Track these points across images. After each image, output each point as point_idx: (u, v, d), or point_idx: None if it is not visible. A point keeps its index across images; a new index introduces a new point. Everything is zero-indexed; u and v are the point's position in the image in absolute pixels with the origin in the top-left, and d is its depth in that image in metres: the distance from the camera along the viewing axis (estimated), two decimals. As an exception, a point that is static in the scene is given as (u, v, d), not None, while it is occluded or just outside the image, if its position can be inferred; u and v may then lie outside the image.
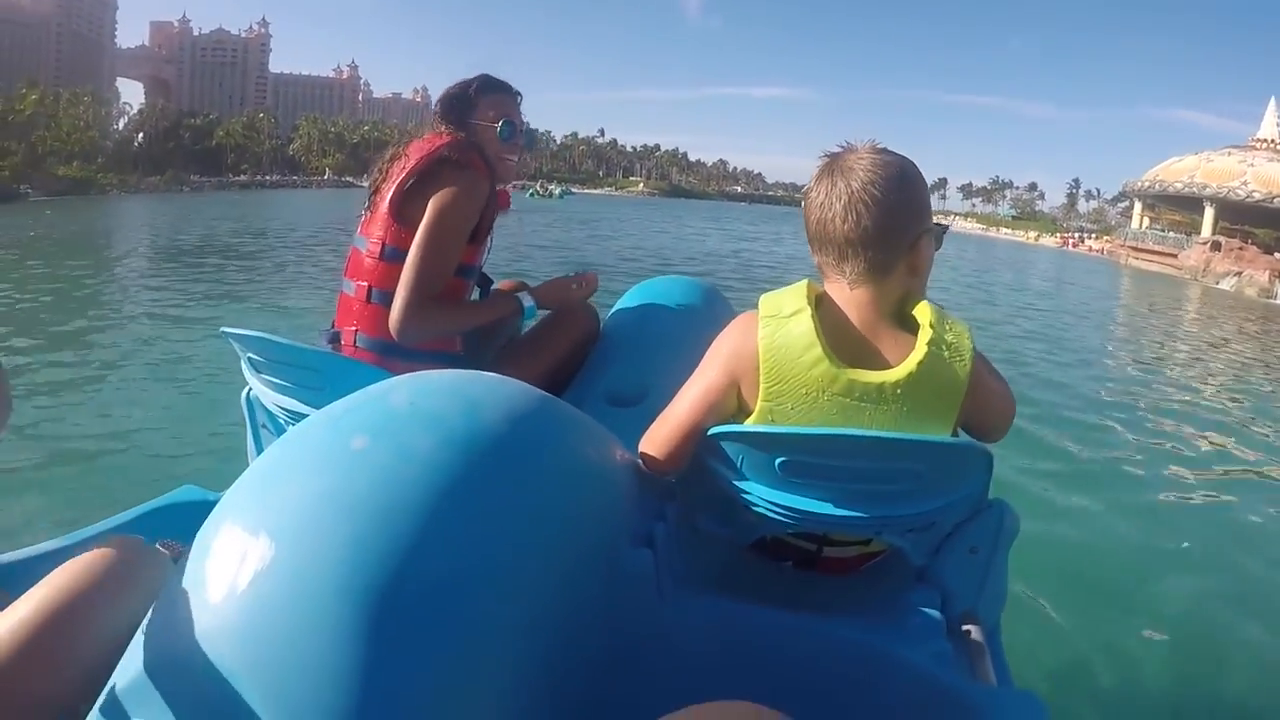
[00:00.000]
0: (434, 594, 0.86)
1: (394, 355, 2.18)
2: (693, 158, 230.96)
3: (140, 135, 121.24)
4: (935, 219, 1.59)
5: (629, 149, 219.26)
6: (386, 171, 2.32)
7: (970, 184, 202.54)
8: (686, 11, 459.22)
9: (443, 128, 2.37)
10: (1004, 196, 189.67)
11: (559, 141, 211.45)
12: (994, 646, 1.64)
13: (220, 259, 18.75)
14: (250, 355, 2.08)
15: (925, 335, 1.46)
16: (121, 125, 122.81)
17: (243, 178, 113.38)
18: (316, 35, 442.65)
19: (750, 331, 1.50)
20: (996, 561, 1.67)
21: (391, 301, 2.17)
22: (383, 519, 0.86)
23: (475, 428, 1.01)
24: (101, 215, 40.80)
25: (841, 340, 1.48)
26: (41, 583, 1.13)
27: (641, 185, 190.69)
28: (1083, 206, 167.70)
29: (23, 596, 1.12)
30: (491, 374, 1.24)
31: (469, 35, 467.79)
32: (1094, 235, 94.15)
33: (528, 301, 2.47)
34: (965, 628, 1.60)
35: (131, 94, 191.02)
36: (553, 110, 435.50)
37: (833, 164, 1.52)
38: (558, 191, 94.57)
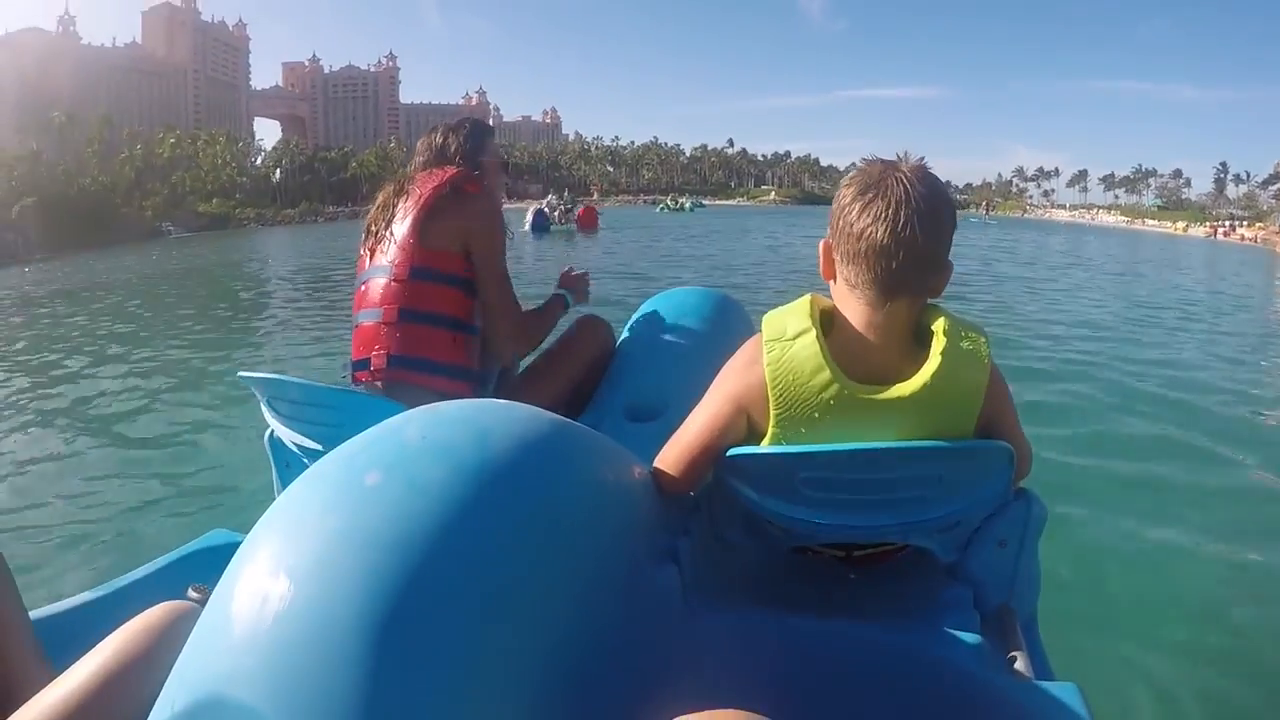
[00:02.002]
0: (453, 623, 0.87)
1: (425, 370, 2.33)
2: (824, 163, 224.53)
3: (277, 171, 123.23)
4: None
5: (759, 157, 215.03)
6: (394, 206, 2.43)
7: (1112, 175, 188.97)
8: (810, 16, 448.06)
9: (449, 165, 2.50)
10: (1148, 186, 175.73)
11: (688, 154, 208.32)
12: (1031, 639, 1.64)
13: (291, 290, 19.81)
14: (269, 397, 2.13)
15: (939, 344, 1.42)
16: (259, 162, 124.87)
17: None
18: (444, 65, 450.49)
19: (756, 360, 1.47)
20: (1026, 553, 1.65)
21: (428, 319, 2.35)
22: (398, 552, 0.87)
23: (486, 457, 1.02)
24: (226, 249, 42.22)
25: (852, 357, 1.43)
26: (96, 649, 1.19)
27: (773, 194, 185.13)
28: (1232, 192, 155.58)
29: (80, 661, 1.17)
30: (502, 401, 1.25)
31: (593, 54, 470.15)
32: (1245, 223, 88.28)
33: (571, 299, 2.79)
34: (1000, 622, 1.60)
35: (269, 132, 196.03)
36: (680, 124, 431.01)
37: (881, 178, 1.41)
38: (689, 205, 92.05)
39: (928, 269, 1.42)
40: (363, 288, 2.42)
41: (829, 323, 1.46)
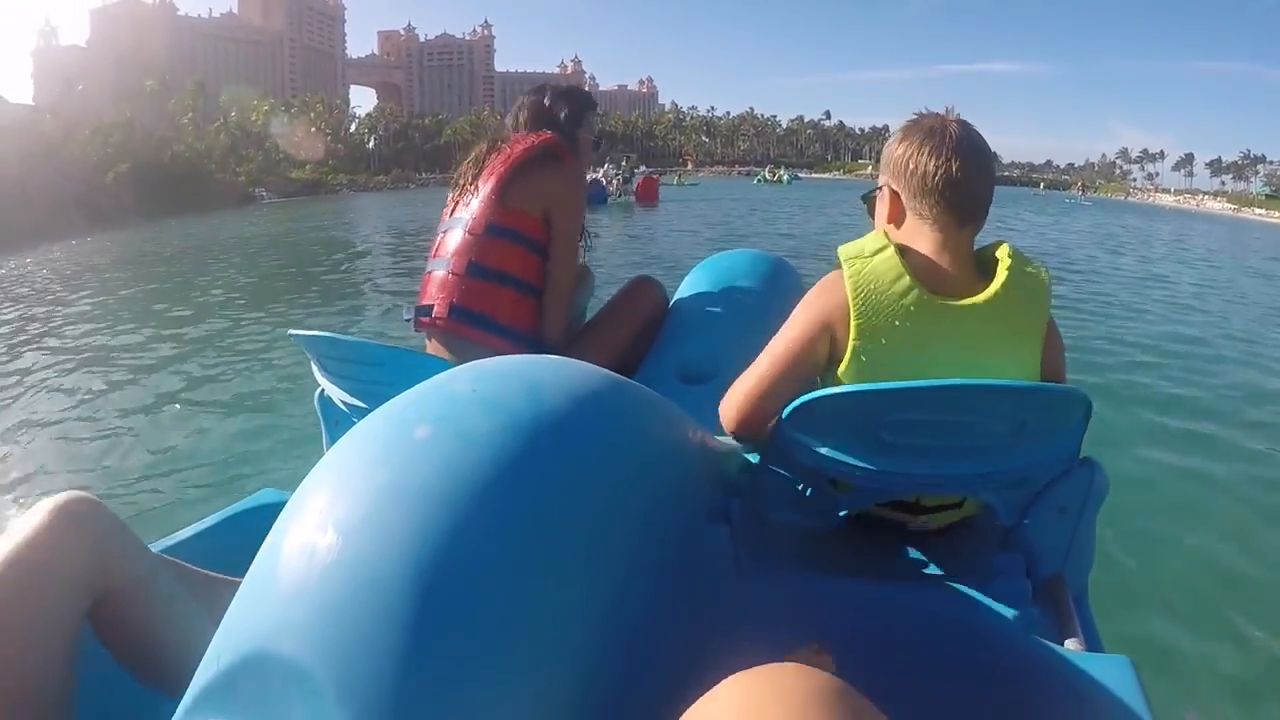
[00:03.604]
0: (504, 578, 0.86)
1: (482, 327, 2.32)
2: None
3: (372, 138, 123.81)
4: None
5: (856, 131, 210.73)
6: (485, 161, 2.43)
7: (1219, 159, 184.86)
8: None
9: (546, 129, 2.48)
10: (1256, 172, 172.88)
11: (784, 126, 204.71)
12: (1082, 610, 1.65)
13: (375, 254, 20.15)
14: (318, 355, 2.15)
15: (1006, 264, 1.55)
16: (353, 129, 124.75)
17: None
18: (540, 33, 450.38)
19: (835, 282, 1.55)
20: (1085, 522, 1.65)
21: (496, 277, 2.33)
22: (448, 506, 0.86)
23: (538, 410, 1.01)
24: (314, 215, 42.21)
25: (926, 274, 1.54)
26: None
27: (870, 168, 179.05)
28: None
29: None
30: (553, 357, 1.26)
31: (690, 25, 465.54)
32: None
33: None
34: (1052, 591, 1.62)
35: (365, 100, 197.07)
36: (777, 95, 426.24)
37: (939, 126, 1.60)
38: (786, 177, 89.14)
39: (987, 199, 1.60)
40: (440, 237, 2.43)
41: (901, 251, 1.55)
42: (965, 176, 1.54)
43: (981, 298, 1.51)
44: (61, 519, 1.22)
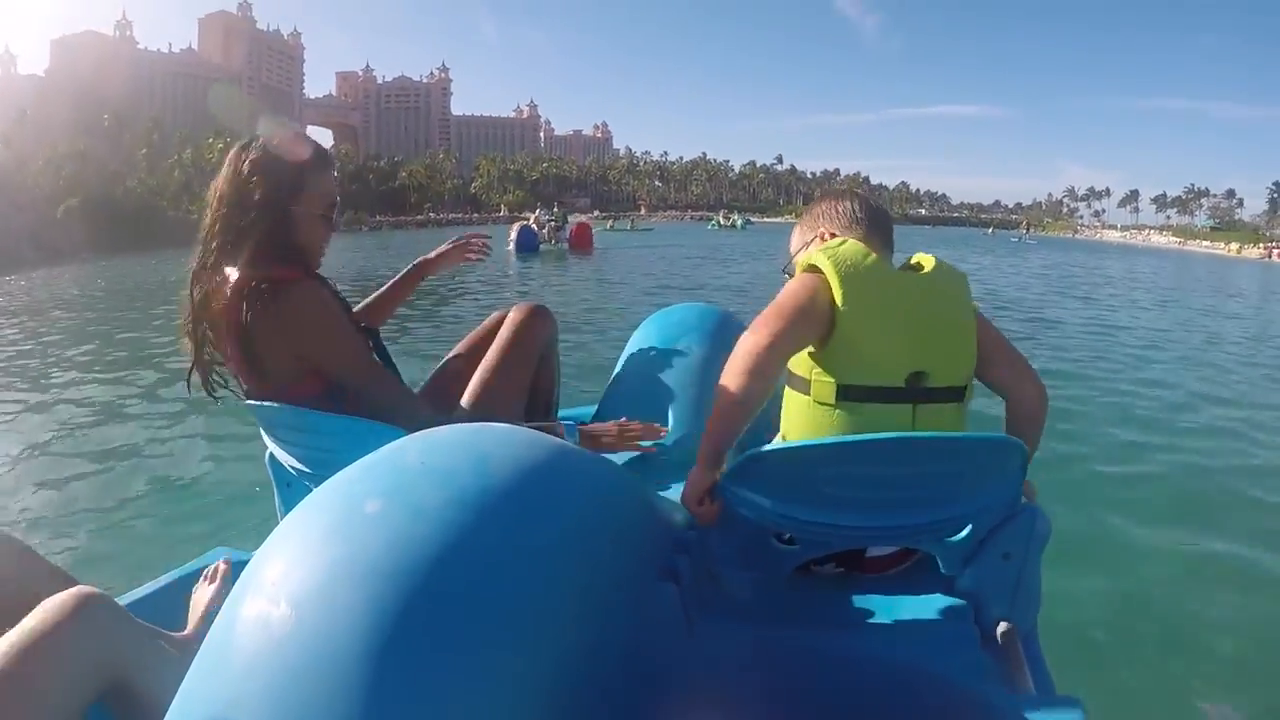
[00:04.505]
0: (454, 651, 0.88)
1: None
2: (874, 181, 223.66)
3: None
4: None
5: (808, 175, 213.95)
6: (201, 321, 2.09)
7: (1164, 195, 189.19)
8: (864, 34, 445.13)
9: (245, 214, 1.98)
10: (1200, 206, 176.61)
11: (737, 171, 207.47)
12: (1032, 653, 1.67)
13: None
14: (265, 422, 2.12)
15: (931, 260, 1.80)
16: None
17: (419, 216, 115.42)
18: (496, 77, 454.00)
19: (810, 272, 1.71)
20: (1029, 566, 1.68)
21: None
22: (399, 580, 0.88)
23: (486, 483, 1.03)
24: None
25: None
26: (13, 630, 1.24)
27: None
28: None
29: None
30: (500, 425, 1.28)
31: (645, 69, 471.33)
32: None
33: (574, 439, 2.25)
34: (1001, 636, 1.64)
35: (322, 141, 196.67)
36: (730, 139, 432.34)
37: (842, 188, 2.39)
38: (740, 222, 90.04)
39: (891, 230, 1.95)
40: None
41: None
42: (876, 207, 1.94)
43: (926, 267, 1.77)
44: (70, 614, 1.27)
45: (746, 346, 1.65)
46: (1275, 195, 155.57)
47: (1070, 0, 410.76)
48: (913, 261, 1.83)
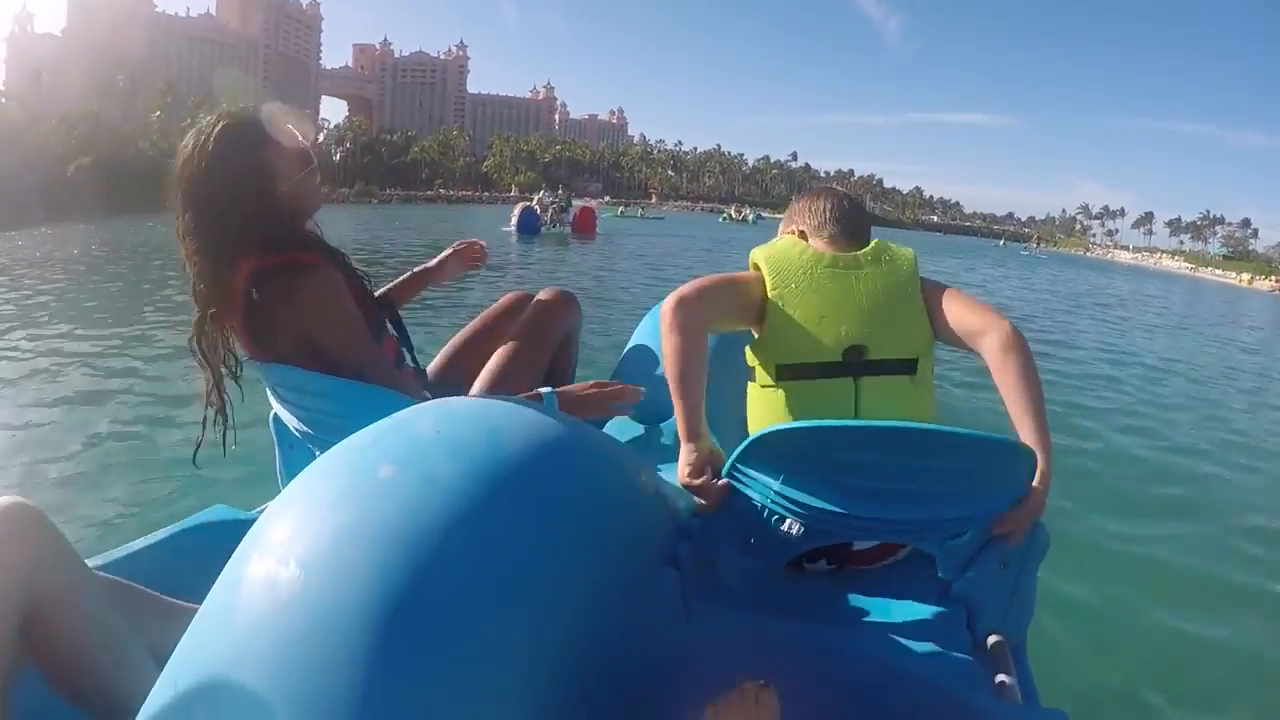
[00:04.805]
0: (462, 621, 0.88)
1: None
2: (888, 184, 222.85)
3: (338, 150, 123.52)
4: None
5: (822, 174, 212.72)
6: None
7: (1179, 219, 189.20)
8: (886, 35, 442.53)
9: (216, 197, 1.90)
10: (1214, 233, 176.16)
11: (750, 165, 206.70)
12: (1020, 664, 1.67)
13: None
14: (272, 384, 2.10)
15: (874, 242, 1.94)
16: (320, 140, 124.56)
17: (429, 192, 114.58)
18: (514, 57, 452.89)
19: (748, 272, 1.91)
20: (1026, 577, 1.70)
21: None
22: (410, 547, 0.88)
23: (499, 455, 1.04)
24: None
25: (822, 250, 1.92)
26: None
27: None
28: None
29: None
30: (515, 400, 1.29)
31: (664, 58, 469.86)
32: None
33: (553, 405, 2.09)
34: (991, 645, 1.65)
35: (337, 112, 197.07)
36: (745, 133, 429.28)
37: (823, 187, 2.16)
38: (752, 217, 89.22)
39: (867, 226, 2.03)
40: None
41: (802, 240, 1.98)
42: (850, 207, 2.03)
43: (863, 250, 1.90)
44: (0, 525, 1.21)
45: (663, 307, 1.78)
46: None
47: (1094, 18, 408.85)
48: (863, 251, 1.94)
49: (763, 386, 1.84)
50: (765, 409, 1.84)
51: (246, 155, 1.86)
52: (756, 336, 1.87)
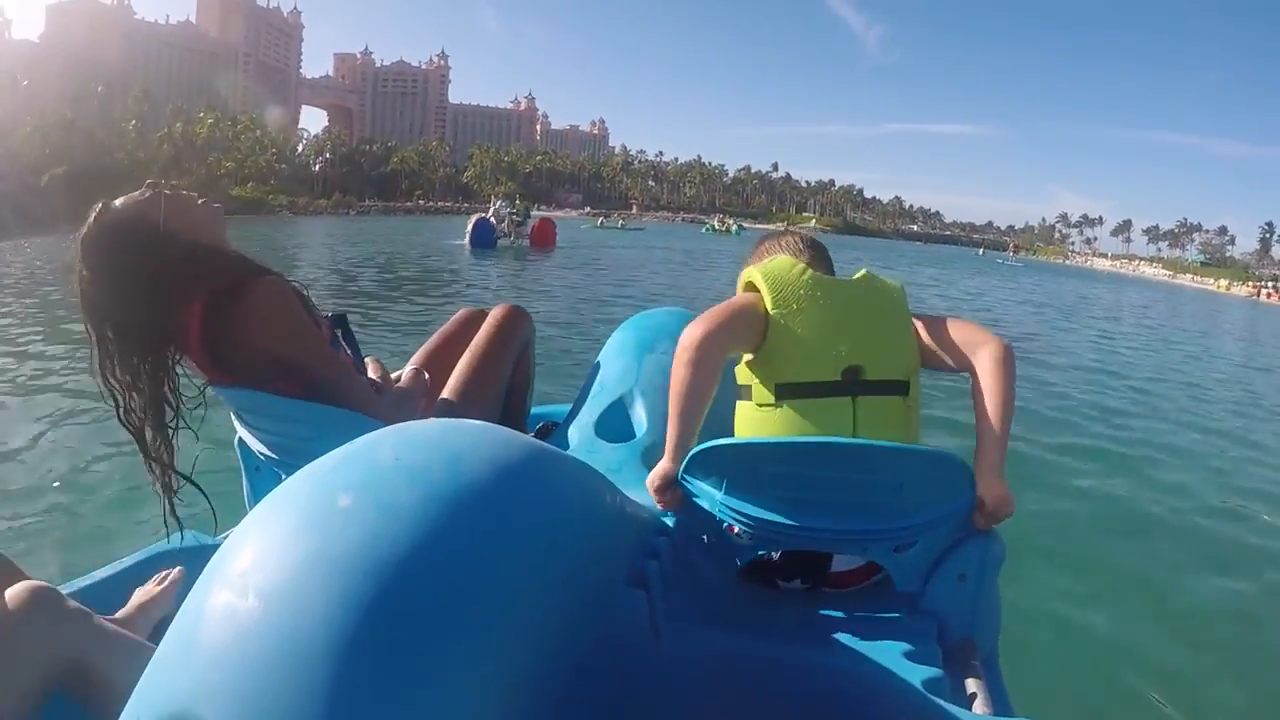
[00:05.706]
0: (423, 650, 0.87)
1: None
2: (868, 194, 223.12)
3: (318, 160, 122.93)
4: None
5: (803, 184, 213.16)
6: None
7: (1156, 227, 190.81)
8: (866, 46, 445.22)
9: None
10: (1191, 240, 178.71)
11: (731, 175, 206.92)
12: (991, 675, 1.69)
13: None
14: (235, 407, 2.11)
15: (863, 271, 1.97)
16: (300, 149, 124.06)
17: (408, 203, 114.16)
18: (495, 68, 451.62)
19: (749, 291, 1.93)
20: (986, 588, 1.74)
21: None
22: (369, 577, 0.87)
23: (459, 482, 1.03)
24: (242, 237, 42.15)
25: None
26: None
27: (814, 221, 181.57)
28: (1277, 252, 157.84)
29: None
30: (475, 423, 1.28)
31: (646, 69, 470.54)
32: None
33: None
34: (961, 656, 1.67)
35: (317, 121, 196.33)
36: (726, 144, 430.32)
37: (785, 231, 2.25)
38: (735, 228, 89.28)
39: (828, 259, 2.09)
40: None
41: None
42: (814, 242, 2.12)
43: (856, 276, 1.94)
44: (20, 609, 1.32)
45: (685, 339, 1.79)
46: (1267, 235, 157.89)
47: (1074, 28, 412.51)
48: (852, 277, 1.97)
49: (759, 405, 1.85)
50: (763, 428, 1.83)
51: (121, 254, 1.90)
52: (752, 355, 1.87)
